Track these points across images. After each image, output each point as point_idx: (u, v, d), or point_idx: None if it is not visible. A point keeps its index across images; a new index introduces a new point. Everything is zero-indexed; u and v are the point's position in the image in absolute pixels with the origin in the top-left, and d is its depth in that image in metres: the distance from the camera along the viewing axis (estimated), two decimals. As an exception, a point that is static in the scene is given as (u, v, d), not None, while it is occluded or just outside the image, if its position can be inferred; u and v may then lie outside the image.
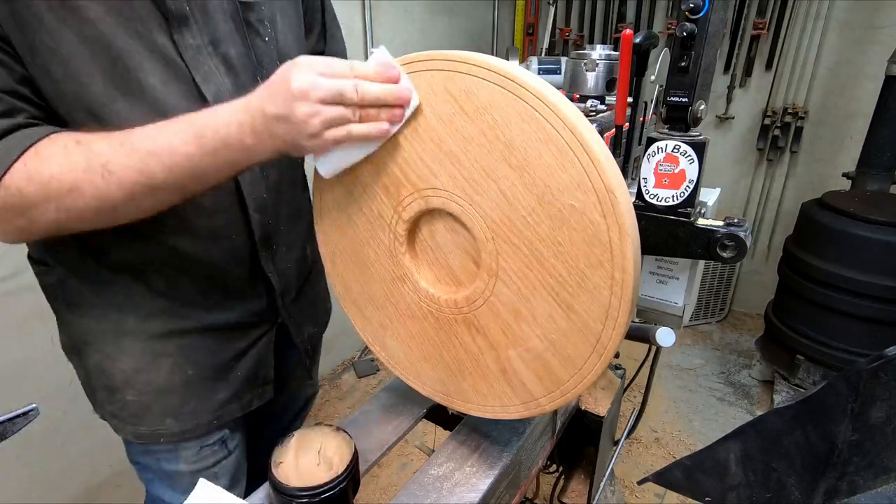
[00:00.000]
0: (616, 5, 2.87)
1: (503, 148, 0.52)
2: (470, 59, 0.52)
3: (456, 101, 0.54)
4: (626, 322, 0.52)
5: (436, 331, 0.66)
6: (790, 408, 0.51)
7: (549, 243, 0.53)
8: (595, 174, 0.49)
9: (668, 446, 2.05)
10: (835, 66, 2.51)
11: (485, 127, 0.53)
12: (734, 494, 0.57)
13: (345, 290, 0.74)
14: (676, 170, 0.74)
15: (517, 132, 0.51)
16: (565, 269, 0.53)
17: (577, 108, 0.50)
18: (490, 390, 0.64)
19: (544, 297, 0.55)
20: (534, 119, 0.50)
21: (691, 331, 2.87)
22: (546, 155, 0.50)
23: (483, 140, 0.53)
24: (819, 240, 2.01)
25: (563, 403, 0.59)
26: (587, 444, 1.01)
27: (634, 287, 0.51)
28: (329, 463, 0.64)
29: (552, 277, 0.54)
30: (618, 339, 0.53)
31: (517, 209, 0.54)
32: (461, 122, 0.54)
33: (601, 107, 0.91)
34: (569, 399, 0.59)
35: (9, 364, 1.28)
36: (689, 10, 0.69)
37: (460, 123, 0.54)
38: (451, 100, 0.54)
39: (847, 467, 0.50)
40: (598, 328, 0.53)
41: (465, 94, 0.53)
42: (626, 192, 0.50)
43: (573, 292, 0.53)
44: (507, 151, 0.52)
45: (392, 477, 1.91)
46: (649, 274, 0.88)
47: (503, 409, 0.64)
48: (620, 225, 0.49)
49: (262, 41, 0.71)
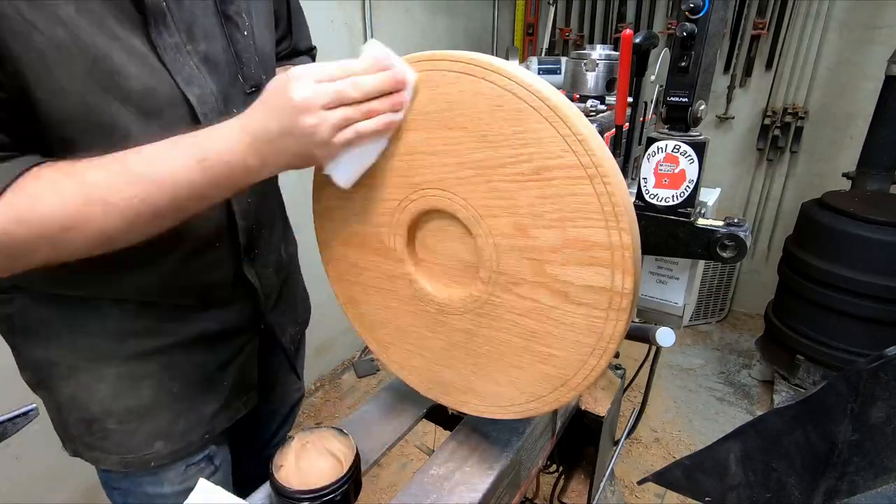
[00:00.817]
0: (616, 5, 2.87)
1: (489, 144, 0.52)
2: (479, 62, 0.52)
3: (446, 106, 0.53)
4: (628, 314, 0.52)
5: (435, 330, 0.66)
6: (790, 408, 0.51)
7: (549, 251, 0.53)
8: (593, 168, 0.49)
9: (668, 446, 2.05)
10: (835, 66, 2.51)
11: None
12: (734, 494, 0.57)
13: (348, 299, 0.74)
14: (676, 170, 0.74)
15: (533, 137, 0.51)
16: (567, 271, 0.53)
17: (583, 115, 0.50)
18: (489, 389, 0.64)
19: (544, 298, 0.55)
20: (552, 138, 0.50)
21: (691, 331, 2.87)
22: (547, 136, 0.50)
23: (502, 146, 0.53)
24: (819, 240, 2.01)
25: (562, 403, 0.59)
26: (587, 444, 1.01)
27: (635, 287, 0.51)
28: (330, 465, 0.64)
29: (553, 280, 0.54)
30: (618, 338, 0.53)
31: (518, 211, 0.54)
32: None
33: (601, 107, 0.91)
34: (568, 399, 0.59)
35: (9, 364, 1.27)
36: (689, 10, 0.69)
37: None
38: (444, 103, 0.54)
39: (847, 467, 0.50)
40: (601, 321, 0.53)
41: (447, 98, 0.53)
42: (627, 192, 0.50)
43: (574, 293, 0.53)
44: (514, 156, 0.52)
45: (392, 477, 1.91)
46: (649, 274, 0.88)
47: (503, 409, 0.64)
48: (621, 228, 0.49)
49: (241, 35, 0.68)
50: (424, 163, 0.57)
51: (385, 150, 0.59)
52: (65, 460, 0.78)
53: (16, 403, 0.62)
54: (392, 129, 0.57)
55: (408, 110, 0.56)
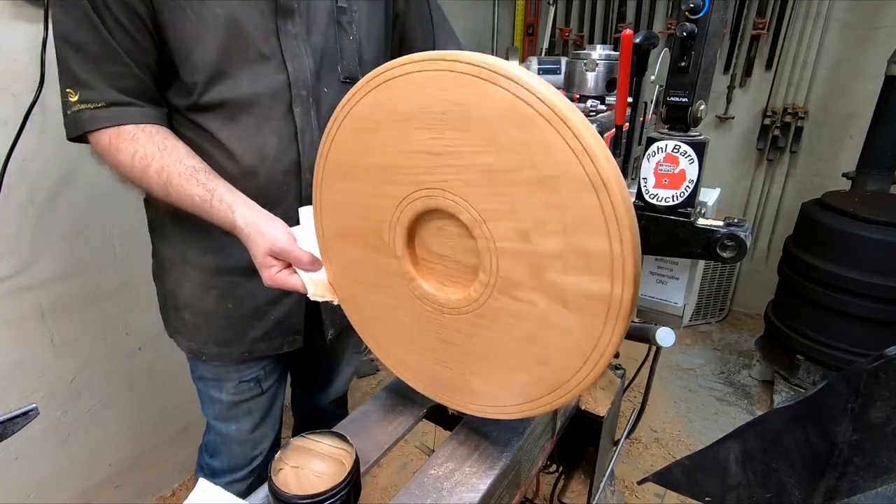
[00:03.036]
0: (616, 5, 2.87)
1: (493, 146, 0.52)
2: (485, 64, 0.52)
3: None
4: (626, 322, 0.52)
5: (433, 330, 0.66)
6: (790, 408, 0.51)
7: (551, 257, 0.53)
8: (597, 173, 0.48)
9: (668, 446, 2.05)
10: (835, 66, 2.51)
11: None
12: (734, 494, 0.57)
13: (347, 296, 0.74)
14: (676, 170, 0.74)
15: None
16: (567, 278, 0.53)
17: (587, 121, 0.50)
18: (487, 390, 0.64)
19: (543, 303, 0.55)
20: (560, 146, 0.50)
21: (691, 331, 2.87)
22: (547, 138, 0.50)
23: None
24: (819, 240, 2.01)
25: (562, 404, 0.59)
26: (587, 444, 1.01)
27: (634, 297, 0.51)
28: (330, 469, 0.64)
29: (553, 286, 0.54)
30: (616, 344, 0.53)
31: (520, 214, 0.54)
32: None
33: (601, 107, 0.90)
34: (565, 402, 0.59)
35: (9, 364, 1.28)
36: (689, 10, 0.69)
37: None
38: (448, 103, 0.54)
39: (847, 467, 0.50)
40: (599, 328, 0.53)
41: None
42: (631, 206, 0.50)
43: (573, 299, 0.53)
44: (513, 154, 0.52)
45: (392, 477, 1.90)
46: (649, 274, 0.88)
47: (502, 409, 0.64)
48: (624, 240, 0.49)
49: (347, 39, 0.91)
50: (428, 163, 0.57)
51: (389, 147, 0.59)
52: (65, 460, 0.79)
53: (16, 403, 0.62)
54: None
55: (412, 110, 0.56)
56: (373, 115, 0.60)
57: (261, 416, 1.07)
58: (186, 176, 0.78)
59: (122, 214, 1.44)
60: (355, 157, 0.64)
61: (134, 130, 0.78)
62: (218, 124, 0.83)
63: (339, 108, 0.63)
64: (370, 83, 0.58)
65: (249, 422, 1.07)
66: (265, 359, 1.04)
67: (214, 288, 0.94)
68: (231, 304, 0.95)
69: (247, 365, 1.01)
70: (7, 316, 1.26)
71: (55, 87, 0.80)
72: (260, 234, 0.75)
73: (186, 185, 0.77)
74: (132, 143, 0.78)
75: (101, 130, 0.78)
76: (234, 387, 1.02)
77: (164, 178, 0.78)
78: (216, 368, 1.01)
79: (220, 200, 0.77)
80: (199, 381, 1.06)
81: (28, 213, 1.25)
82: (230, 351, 0.98)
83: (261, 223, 0.75)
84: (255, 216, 0.76)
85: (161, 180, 0.78)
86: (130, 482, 1.65)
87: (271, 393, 1.08)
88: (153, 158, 0.78)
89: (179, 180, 0.77)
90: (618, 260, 0.49)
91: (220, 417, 1.06)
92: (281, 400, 1.14)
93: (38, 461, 1.37)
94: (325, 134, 0.66)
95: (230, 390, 1.02)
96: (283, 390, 1.14)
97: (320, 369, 1.28)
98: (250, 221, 0.76)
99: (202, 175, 0.79)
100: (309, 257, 0.74)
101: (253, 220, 0.76)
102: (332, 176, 0.67)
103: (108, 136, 0.78)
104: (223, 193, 0.78)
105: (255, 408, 1.06)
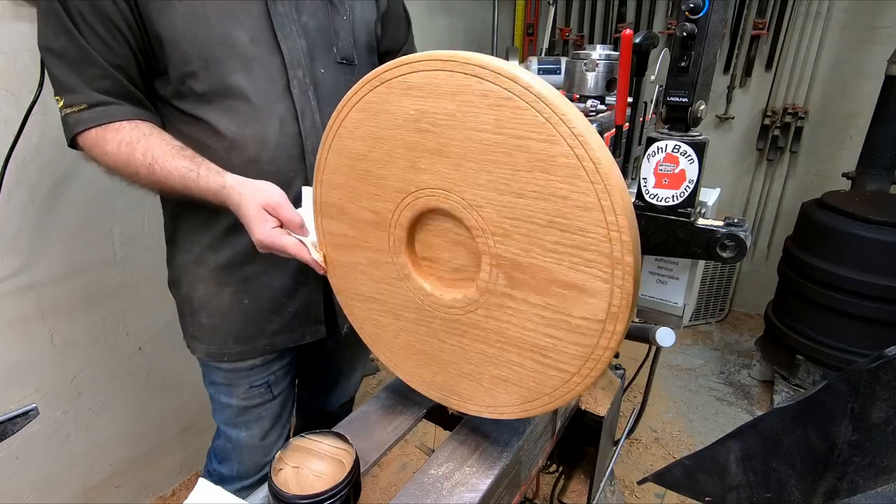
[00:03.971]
0: (616, 5, 2.87)
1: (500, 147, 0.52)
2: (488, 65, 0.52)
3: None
4: (625, 323, 0.52)
5: (431, 329, 0.66)
6: (790, 408, 0.51)
7: (551, 262, 0.53)
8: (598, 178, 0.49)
9: (668, 446, 2.05)
10: (835, 66, 2.51)
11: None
12: (734, 494, 0.57)
13: (346, 292, 0.74)
14: (676, 170, 0.74)
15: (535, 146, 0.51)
16: (567, 283, 0.53)
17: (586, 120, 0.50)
18: (488, 389, 0.64)
19: (541, 306, 0.55)
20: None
21: (691, 331, 2.87)
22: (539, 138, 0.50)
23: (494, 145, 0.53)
24: (819, 240, 2.01)
25: (562, 404, 0.59)
26: (587, 444, 1.01)
27: (635, 286, 0.51)
28: (330, 469, 0.64)
29: (552, 290, 0.54)
30: (614, 348, 0.53)
31: (520, 215, 0.54)
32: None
33: (601, 107, 0.90)
34: (568, 399, 0.59)
35: (9, 364, 1.27)
36: (689, 10, 0.69)
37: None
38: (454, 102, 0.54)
39: (847, 467, 0.50)
40: (598, 328, 0.53)
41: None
42: (627, 193, 0.50)
43: (573, 304, 0.53)
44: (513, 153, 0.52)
45: (392, 477, 1.90)
46: (649, 274, 0.88)
47: (502, 409, 0.64)
48: (621, 233, 0.49)
49: (340, 18, 0.92)
50: (434, 163, 0.57)
51: (397, 147, 0.60)
52: (65, 460, 0.79)
53: (16, 403, 0.62)
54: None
55: (421, 112, 0.56)
56: (378, 114, 0.60)
57: (271, 423, 1.08)
58: (172, 153, 0.79)
59: (122, 214, 1.44)
60: (356, 157, 0.64)
61: (119, 124, 0.80)
62: (217, 114, 0.84)
63: (345, 100, 0.63)
64: (386, 74, 0.58)
65: (260, 428, 1.07)
66: (278, 361, 1.04)
67: (228, 286, 0.94)
68: (247, 300, 0.95)
69: (258, 370, 1.01)
70: (7, 316, 1.25)
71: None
72: (253, 190, 0.76)
73: (172, 160, 0.78)
74: (118, 133, 0.79)
75: (87, 130, 0.79)
76: (245, 392, 1.02)
77: (149, 157, 0.79)
78: (228, 374, 1.01)
79: (209, 169, 0.79)
80: (210, 387, 1.06)
81: (28, 213, 1.25)
82: (253, 346, 0.98)
83: (253, 182, 0.77)
84: (245, 179, 0.78)
85: (146, 160, 0.79)
86: (130, 482, 1.65)
87: (281, 399, 1.08)
88: (138, 142, 0.79)
89: (165, 157, 0.78)
90: (618, 268, 0.49)
91: (231, 423, 1.06)
92: (291, 408, 1.14)
93: (38, 461, 1.37)
94: (325, 134, 0.66)
95: (241, 395, 1.02)
96: (292, 398, 1.15)
97: (329, 371, 1.28)
98: (241, 181, 0.77)
99: (188, 152, 0.80)
100: (300, 220, 0.75)
101: (244, 180, 0.78)
102: (329, 182, 0.67)
103: (94, 132, 0.79)
104: (210, 165, 0.80)
105: (265, 414, 1.06)
